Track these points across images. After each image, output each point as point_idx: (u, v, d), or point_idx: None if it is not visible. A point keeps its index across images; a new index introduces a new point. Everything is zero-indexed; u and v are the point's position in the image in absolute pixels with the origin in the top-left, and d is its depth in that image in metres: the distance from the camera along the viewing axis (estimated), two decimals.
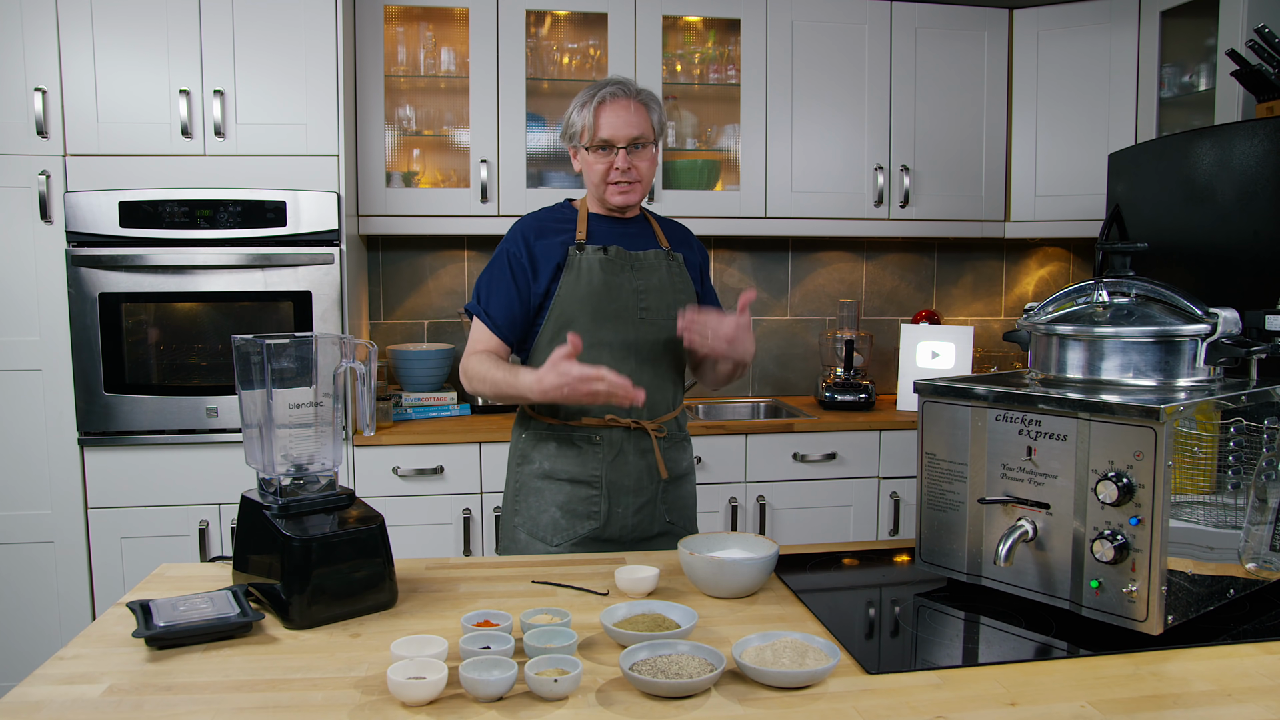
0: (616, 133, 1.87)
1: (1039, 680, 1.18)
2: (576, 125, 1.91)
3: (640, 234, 2.00)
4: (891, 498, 3.17)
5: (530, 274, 1.91)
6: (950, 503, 1.47)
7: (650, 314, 1.93)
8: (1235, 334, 1.42)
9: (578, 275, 1.89)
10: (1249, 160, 2.35)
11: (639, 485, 1.92)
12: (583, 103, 1.90)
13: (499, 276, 1.93)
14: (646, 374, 1.91)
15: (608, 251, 1.91)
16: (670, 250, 2.00)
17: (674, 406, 1.99)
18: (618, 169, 1.88)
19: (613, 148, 1.88)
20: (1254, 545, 1.39)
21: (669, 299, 1.94)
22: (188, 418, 2.81)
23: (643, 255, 1.95)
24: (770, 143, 3.31)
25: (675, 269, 1.98)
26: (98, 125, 2.74)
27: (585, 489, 1.90)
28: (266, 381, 1.39)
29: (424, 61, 3.25)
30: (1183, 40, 3.18)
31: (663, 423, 1.95)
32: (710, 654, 1.17)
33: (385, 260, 3.47)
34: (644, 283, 1.93)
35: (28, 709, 1.09)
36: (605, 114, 1.87)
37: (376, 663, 1.22)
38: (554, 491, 1.91)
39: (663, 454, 1.94)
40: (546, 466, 1.92)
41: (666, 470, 1.94)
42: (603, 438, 1.90)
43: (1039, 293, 3.89)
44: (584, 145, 1.90)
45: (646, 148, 1.90)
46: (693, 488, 2.06)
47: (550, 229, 1.95)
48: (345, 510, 1.44)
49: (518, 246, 1.93)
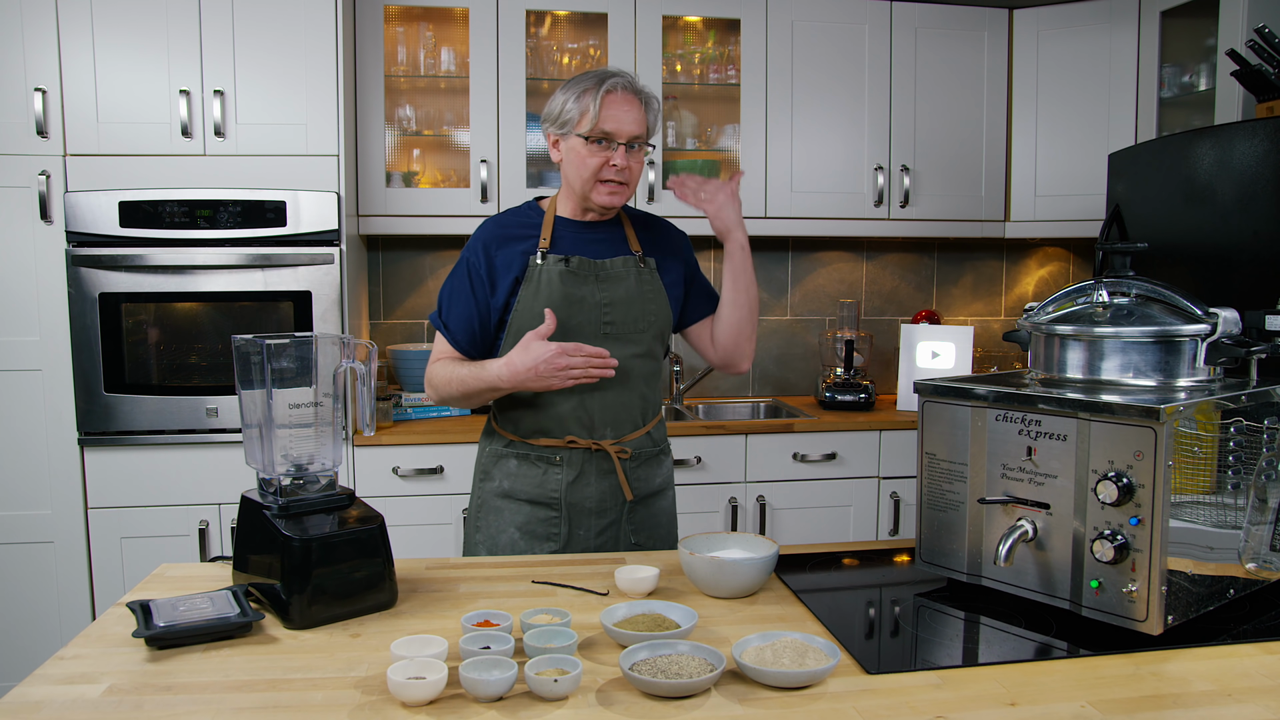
0: (621, 127, 1.75)
1: (1039, 680, 1.18)
2: (573, 112, 1.76)
3: (610, 239, 1.87)
4: (891, 498, 3.17)
5: (489, 286, 1.82)
6: (950, 503, 1.47)
7: (615, 328, 1.82)
8: (1235, 334, 1.42)
9: (536, 289, 1.79)
10: (1249, 160, 2.35)
11: (601, 507, 1.84)
12: (584, 89, 1.75)
13: (459, 288, 1.84)
14: (611, 392, 1.82)
15: (569, 262, 1.80)
16: (642, 255, 1.87)
17: (643, 424, 1.88)
18: (614, 166, 1.76)
19: (612, 142, 1.75)
20: (1254, 545, 1.39)
21: (637, 311, 1.83)
22: (188, 418, 2.81)
23: (609, 264, 1.83)
24: (770, 143, 3.31)
25: (646, 277, 1.86)
26: (98, 125, 2.74)
27: (545, 510, 1.83)
28: (266, 381, 1.39)
29: (424, 61, 3.25)
30: (1183, 40, 3.18)
31: (629, 441, 1.86)
32: (710, 654, 1.17)
33: (385, 260, 3.47)
34: (609, 294, 1.82)
35: (28, 709, 1.09)
36: (611, 105, 1.74)
37: (376, 663, 1.22)
38: (513, 512, 1.85)
39: (630, 474, 1.85)
40: (506, 485, 1.85)
41: (632, 491, 1.85)
42: (563, 458, 1.82)
43: (1039, 293, 3.89)
44: (579, 134, 1.76)
45: (643, 149, 1.80)
46: (670, 503, 1.97)
47: (513, 235, 1.84)
48: (345, 510, 1.44)
49: (477, 256, 1.83)
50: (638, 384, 1.86)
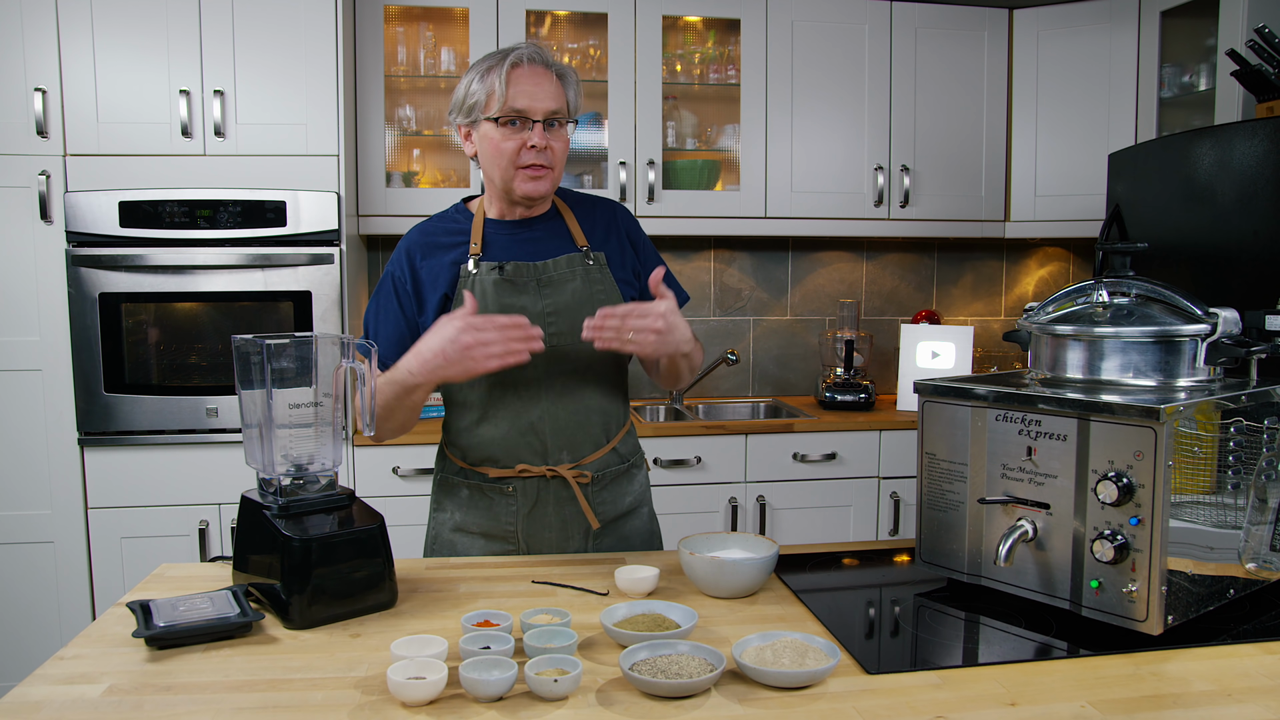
0: (533, 103, 1.56)
1: (1039, 680, 1.18)
2: (478, 94, 1.58)
3: (549, 236, 1.68)
4: (891, 498, 3.17)
5: (416, 304, 1.64)
6: (950, 503, 1.47)
7: (562, 339, 1.62)
8: (1235, 334, 1.42)
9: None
10: (1249, 160, 2.35)
11: (563, 538, 1.69)
12: (488, 67, 1.58)
13: (386, 307, 1.66)
14: (564, 411, 1.64)
15: (504, 270, 1.62)
16: (588, 250, 1.68)
17: (605, 441, 1.70)
18: (532, 147, 1.57)
19: (527, 121, 1.57)
20: (1254, 545, 1.39)
21: (585, 315, 1.54)
22: (188, 418, 2.81)
23: (551, 265, 1.64)
24: (770, 143, 3.31)
25: (595, 274, 1.66)
26: (98, 125, 2.74)
27: (500, 544, 1.68)
28: (266, 381, 1.39)
29: (424, 61, 3.25)
30: (1183, 40, 3.18)
31: (590, 464, 1.67)
32: (710, 654, 1.17)
33: (385, 260, 3.47)
34: (552, 301, 1.62)
35: (28, 709, 1.09)
36: (518, 81, 1.56)
37: (376, 663, 1.22)
38: (467, 545, 1.70)
39: (593, 498, 1.68)
40: (459, 518, 1.71)
41: (598, 518, 1.69)
42: (516, 488, 1.65)
43: (1039, 293, 3.89)
44: (488, 118, 1.58)
45: (563, 127, 1.61)
46: (644, 521, 1.80)
47: (439, 244, 1.66)
48: (345, 510, 1.44)
49: (402, 269, 1.65)
50: (594, 399, 1.68)
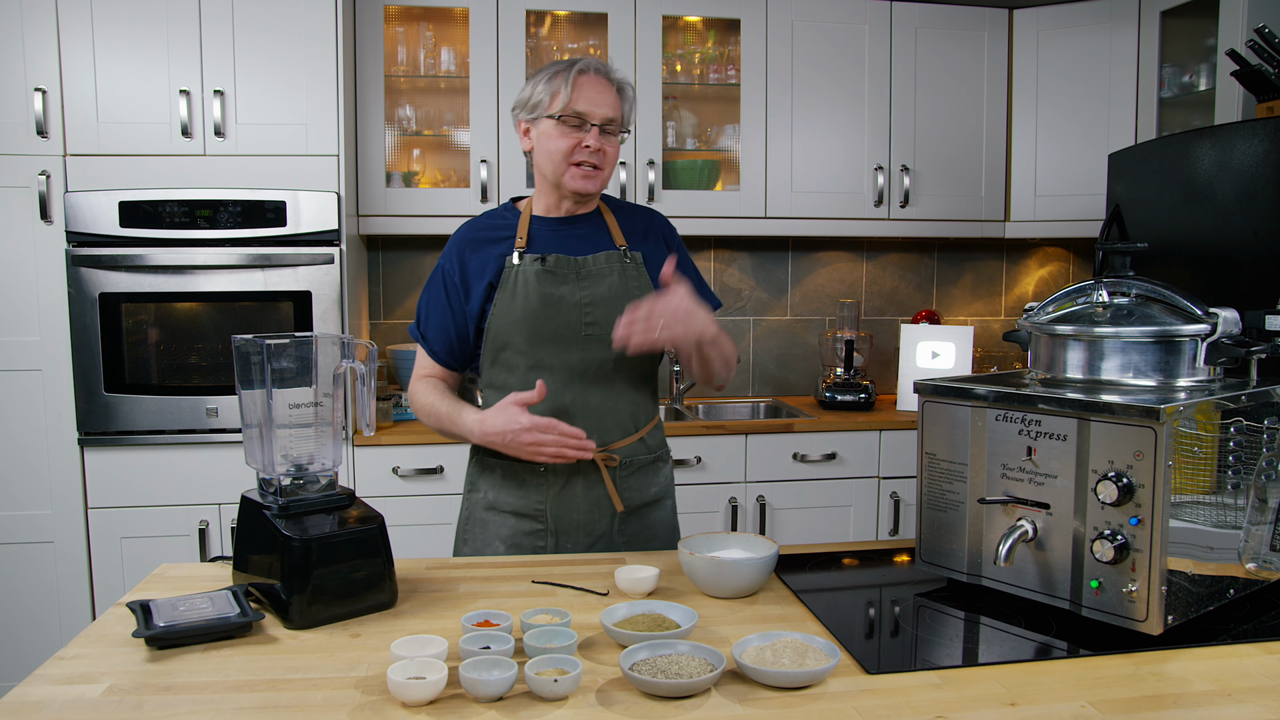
0: (593, 108, 1.70)
1: (1039, 680, 1.18)
2: (543, 95, 1.72)
3: (592, 234, 1.80)
4: (891, 498, 3.17)
5: (463, 294, 1.76)
6: (950, 503, 1.47)
7: (598, 329, 1.72)
8: (1235, 334, 1.42)
9: (512, 293, 1.72)
10: (1249, 160, 2.35)
11: (590, 520, 1.77)
12: (555, 72, 1.72)
13: (435, 298, 1.79)
14: (596, 397, 1.74)
15: (546, 261, 1.73)
16: (626, 250, 1.79)
17: (634, 429, 1.79)
18: (587, 147, 1.70)
19: (585, 123, 1.70)
20: (1254, 545, 1.39)
21: (621, 309, 1.65)
22: (188, 418, 2.81)
23: (590, 260, 1.76)
24: (770, 143, 3.31)
25: (631, 271, 1.78)
26: (98, 125, 2.74)
27: (530, 523, 1.77)
28: (266, 381, 1.39)
29: (424, 61, 3.25)
30: (1183, 40, 3.18)
31: (619, 449, 1.77)
32: (710, 654, 1.17)
33: (385, 260, 3.47)
34: (590, 293, 1.74)
35: (28, 709, 1.09)
36: (584, 86, 1.70)
37: (376, 663, 1.22)
38: (498, 524, 1.79)
39: (620, 483, 1.77)
40: (491, 497, 1.80)
41: (624, 502, 1.78)
42: (547, 469, 1.75)
43: (1039, 293, 3.89)
44: (550, 115, 1.71)
45: (616, 135, 1.74)
46: (667, 514, 1.89)
47: (487, 239, 1.78)
48: (345, 510, 1.44)
49: (451, 263, 1.78)
50: (625, 388, 1.78)
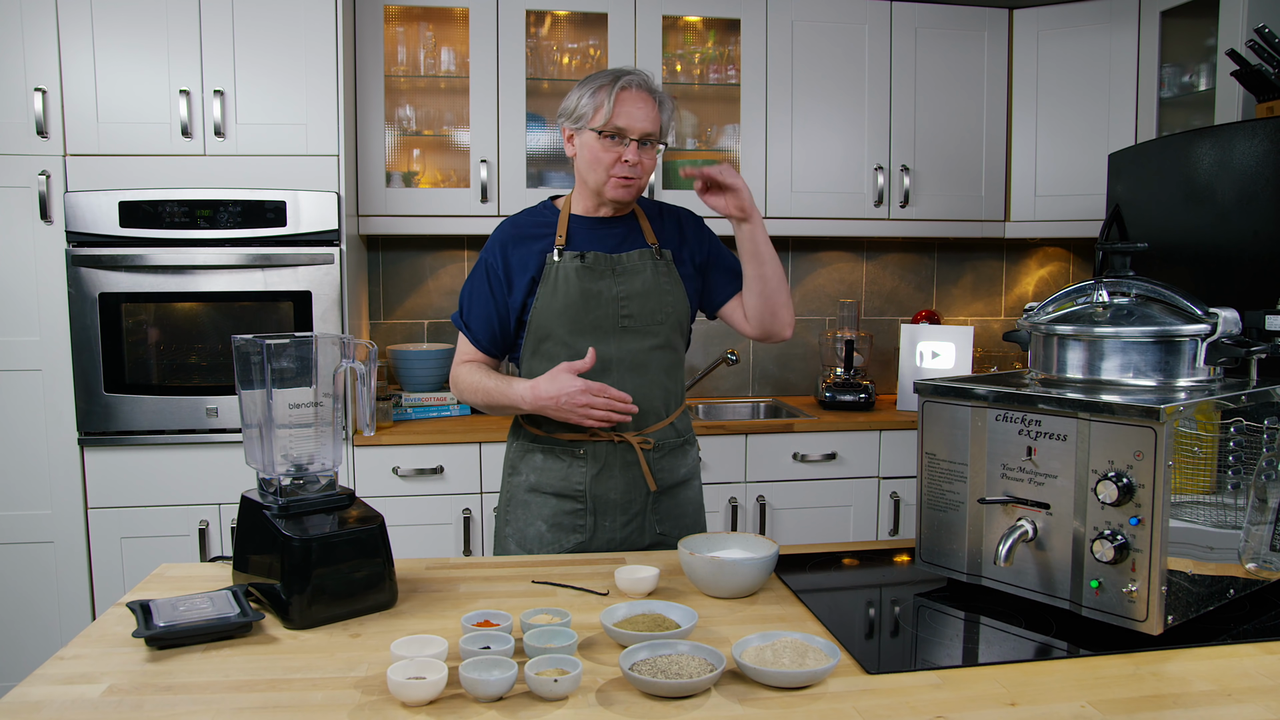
0: (633, 123, 1.79)
1: (1039, 680, 1.18)
2: (587, 107, 1.81)
3: (626, 234, 1.92)
4: (891, 498, 3.17)
5: (506, 287, 1.87)
6: (950, 503, 1.47)
7: (633, 321, 1.86)
8: (1235, 334, 1.42)
9: (554, 287, 1.84)
10: (1249, 160, 2.35)
11: (626, 499, 1.88)
12: (600, 85, 1.81)
13: (478, 289, 1.90)
14: (629, 384, 1.85)
15: (585, 258, 1.85)
16: (659, 248, 1.91)
17: (665, 415, 1.92)
18: (626, 161, 1.80)
19: (624, 138, 1.80)
20: (1254, 545, 1.39)
21: (653, 303, 1.87)
22: (188, 418, 2.81)
23: (625, 258, 1.88)
24: (770, 143, 3.31)
25: (663, 269, 1.90)
26: (98, 125, 2.74)
27: (570, 503, 1.87)
28: (266, 381, 1.39)
29: (424, 61, 3.25)
30: (1183, 40, 3.18)
31: (651, 433, 1.89)
32: (710, 654, 1.17)
33: (385, 260, 3.47)
34: (625, 288, 1.86)
35: (28, 709, 1.09)
36: (625, 102, 1.79)
37: (376, 663, 1.22)
38: (540, 505, 1.88)
39: (653, 464, 1.89)
40: (533, 479, 1.89)
41: (656, 482, 1.89)
42: (586, 451, 1.86)
43: (1039, 293, 3.89)
44: (593, 129, 1.80)
45: (654, 146, 1.84)
46: (695, 493, 2.01)
47: (529, 235, 1.89)
48: (345, 510, 1.44)
49: (495, 257, 1.89)
50: (658, 375, 1.90)
